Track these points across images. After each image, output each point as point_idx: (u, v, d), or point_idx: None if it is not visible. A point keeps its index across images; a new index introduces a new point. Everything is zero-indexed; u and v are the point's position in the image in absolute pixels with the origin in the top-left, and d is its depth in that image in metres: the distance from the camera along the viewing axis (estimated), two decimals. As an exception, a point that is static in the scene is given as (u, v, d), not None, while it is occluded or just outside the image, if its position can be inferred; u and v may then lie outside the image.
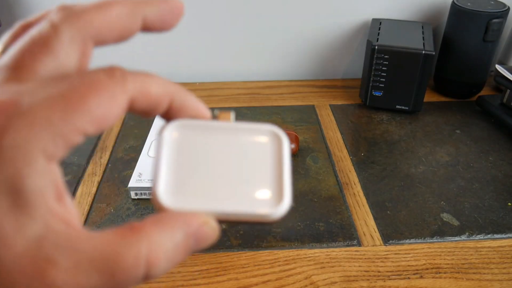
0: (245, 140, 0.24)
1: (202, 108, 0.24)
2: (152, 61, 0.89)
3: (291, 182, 0.22)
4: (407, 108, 0.77)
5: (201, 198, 0.22)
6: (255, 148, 0.23)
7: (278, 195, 0.22)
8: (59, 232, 0.17)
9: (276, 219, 0.21)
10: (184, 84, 0.87)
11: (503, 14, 0.75)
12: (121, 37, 0.22)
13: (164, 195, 0.21)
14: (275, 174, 0.23)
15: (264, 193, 0.22)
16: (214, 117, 0.25)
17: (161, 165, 0.22)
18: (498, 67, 0.76)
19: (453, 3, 0.78)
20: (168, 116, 0.23)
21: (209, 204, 0.21)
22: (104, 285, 0.17)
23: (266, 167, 0.23)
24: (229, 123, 0.24)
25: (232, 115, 0.25)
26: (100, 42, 0.21)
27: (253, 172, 0.23)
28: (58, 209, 0.18)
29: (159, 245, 0.19)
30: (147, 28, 0.23)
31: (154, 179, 0.22)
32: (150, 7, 0.22)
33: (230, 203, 0.22)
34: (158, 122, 0.71)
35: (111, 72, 0.19)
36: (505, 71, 0.74)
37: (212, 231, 0.21)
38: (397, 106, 0.78)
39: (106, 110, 0.18)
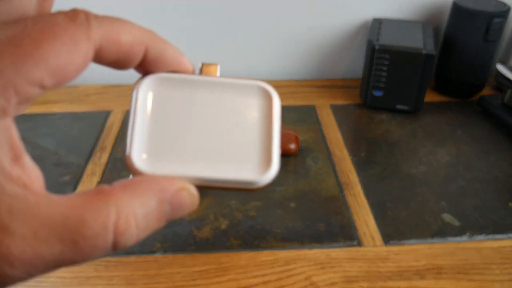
0: (231, 98, 0.21)
1: (184, 60, 0.21)
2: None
3: (279, 146, 0.21)
4: (407, 108, 0.77)
5: (180, 162, 0.20)
6: (242, 107, 0.21)
7: (265, 161, 0.20)
8: (14, 196, 0.15)
9: (262, 186, 0.20)
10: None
11: (504, 13, 0.75)
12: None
13: (139, 159, 0.19)
14: (262, 137, 0.21)
15: (250, 158, 0.20)
16: (198, 70, 0.22)
17: (135, 125, 0.20)
18: (499, 66, 0.76)
19: (454, 3, 0.78)
20: (144, 69, 0.20)
21: (189, 169, 0.19)
22: (68, 254, 0.16)
23: (253, 129, 0.21)
24: (214, 78, 0.22)
25: (217, 68, 0.22)
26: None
27: (238, 135, 0.20)
28: (14, 170, 0.16)
29: (130, 211, 0.17)
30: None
31: (129, 141, 0.20)
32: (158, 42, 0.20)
33: (212, 168, 0.20)
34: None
35: (73, 14, 0.17)
36: (506, 70, 0.74)
37: (191, 198, 0.19)
38: (398, 106, 0.78)
39: (66, 58, 0.16)
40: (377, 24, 0.81)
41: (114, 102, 0.81)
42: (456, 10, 0.77)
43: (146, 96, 0.20)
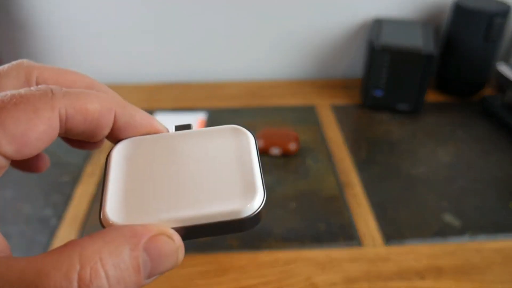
0: (205, 143, 0.21)
1: (155, 123, 0.21)
2: (151, 61, 0.88)
3: (262, 176, 0.19)
4: (408, 108, 0.77)
5: (157, 208, 0.18)
6: (217, 149, 0.20)
7: (249, 190, 0.19)
8: None
9: (250, 215, 0.18)
10: (184, 84, 0.87)
11: (505, 13, 0.75)
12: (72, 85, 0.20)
13: (112, 212, 0.18)
14: (243, 170, 0.19)
15: (233, 192, 0.19)
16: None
17: (108, 185, 0.19)
18: (499, 66, 0.76)
19: (454, 3, 0.78)
20: (116, 137, 0.20)
21: (166, 212, 0.18)
22: None
23: (231, 165, 0.20)
24: (187, 131, 0.21)
25: (191, 127, 0.22)
26: (42, 81, 0.19)
27: (217, 174, 0.19)
28: None
29: (97, 260, 0.15)
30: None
31: (102, 202, 0.19)
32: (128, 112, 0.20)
33: (192, 206, 0.18)
34: (158, 119, 0.70)
35: (39, 88, 0.17)
36: (507, 70, 0.74)
37: (171, 244, 0.17)
38: (398, 106, 0.77)
39: (26, 126, 0.16)
40: (378, 24, 0.81)
41: (113, 102, 0.81)
42: (457, 10, 0.77)
43: (119, 157, 0.20)
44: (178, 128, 0.22)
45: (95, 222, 0.57)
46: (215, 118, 0.76)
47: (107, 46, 0.86)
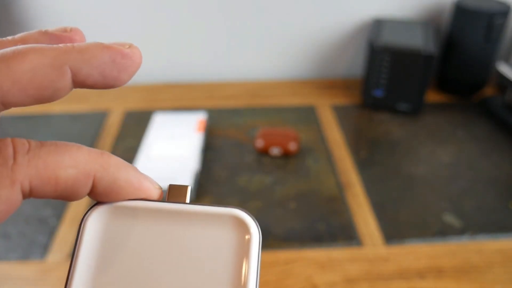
0: (198, 232, 0.17)
1: (145, 185, 0.17)
2: (151, 61, 0.88)
3: None
4: (408, 108, 0.77)
5: None
6: (212, 244, 0.17)
7: None
8: None
9: None
10: (184, 84, 0.87)
11: (505, 13, 0.75)
12: (42, 97, 0.15)
13: None
14: (234, 283, 0.16)
15: None
16: (165, 193, 0.18)
17: (76, 269, 0.16)
18: (500, 66, 0.75)
19: (455, 3, 0.78)
20: (97, 198, 0.17)
21: None
22: None
23: (223, 274, 0.16)
24: (179, 206, 0.18)
25: (188, 190, 0.18)
26: (12, 104, 0.15)
27: (203, 281, 0.16)
28: None
29: None
30: (82, 83, 0.16)
31: (67, 283, 0.16)
32: (83, 56, 0.16)
33: None
34: (158, 119, 0.70)
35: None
36: (507, 70, 0.74)
37: None
38: (398, 106, 0.77)
39: None
40: (378, 24, 0.81)
41: (113, 102, 0.81)
42: (457, 10, 0.77)
43: (94, 230, 0.17)
44: (172, 191, 0.18)
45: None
46: (215, 118, 0.76)
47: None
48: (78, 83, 0.16)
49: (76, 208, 0.58)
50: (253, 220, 0.17)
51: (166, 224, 0.17)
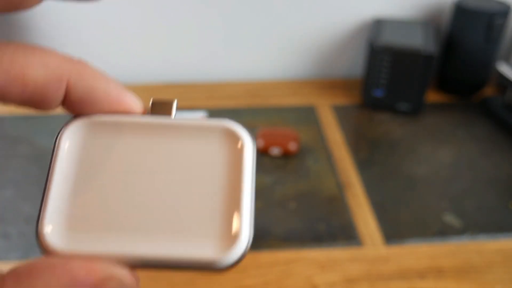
0: (187, 146, 0.15)
1: (125, 98, 0.16)
2: (151, 59, 0.88)
3: (251, 211, 0.15)
4: (408, 108, 0.77)
5: (110, 235, 0.14)
6: (201, 158, 0.15)
7: (230, 232, 0.14)
8: None
9: (226, 266, 0.14)
10: (184, 84, 0.87)
11: (506, 13, 0.75)
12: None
13: (51, 233, 0.14)
14: (228, 198, 0.15)
15: (209, 229, 0.14)
16: (148, 110, 0.16)
17: (52, 188, 0.15)
18: (500, 66, 0.76)
19: (455, 3, 0.78)
20: (72, 110, 0.15)
21: (121, 245, 0.14)
22: None
23: (215, 187, 0.15)
24: (163, 119, 0.16)
25: (174, 105, 0.16)
26: None
27: (194, 197, 0.15)
28: None
29: None
30: None
31: (40, 212, 0.15)
32: None
33: (155, 243, 0.14)
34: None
35: None
36: (507, 70, 0.74)
37: (120, 285, 0.13)
38: (398, 106, 0.77)
39: None
40: (378, 24, 0.81)
41: (113, 102, 0.81)
42: (457, 10, 0.77)
43: (70, 146, 0.15)
44: (156, 106, 0.16)
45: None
46: (215, 118, 0.76)
47: (107, 47, 0.86)
48: None
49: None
50: (245, 129, 0.16)
51: (151, 138, 0.15)
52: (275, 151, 0.66)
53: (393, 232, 0.56)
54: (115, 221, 0.14)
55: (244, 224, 0.15)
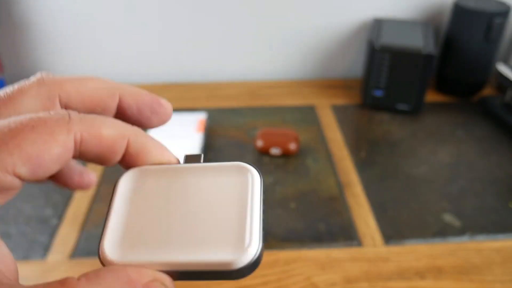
0: (211, 180, 0.21)
1: (166, 153, 0.21)
2: (151, 61, 0.88)
3: (261, 224, 0.19)
4: (408, 108, 0.77)
5: (152, 249, 0.19)
6: (221, 188, 0.20)
7: (243, 239, 0.18)
8: None
9: (241, 268, 0.18)
10: (184, 84, 0.87)
11: (505, 13, 0.75)
12: (95, 106, 0.20)
13: (110, 248, 0.18)
14: (242, 216, 0.19)
15: (227, 238, 0.19)
16: (182, 162, 0.22)
17: (110, 217, 0.19)
18: (499, 66, 0.76)
19: (454, 3, 0.78)
20: (128, 163, 0.20)
21: (160, 255, 0.18)
22: None
23: (231, 209, 0.19)
24: (194, 164, 0.21)
25: (201, 157, 0.22)
26: (69, 105, 0.20)
27: (216, 216, 0.19)
28: None
29: None
30: (124, 111, 0.21)
31: (102, 234, 0.19)
32: (131, 91, 0.21)
33: (185, 251, 0.18)
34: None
35: (58, 112, 0.18)
36: (507, 70, 0.74)
37: (162, 286, 0.18)
38: (398, 106, 0.77)
39: (42, 148, 0.16)
40: (378, 24, 0.81)
41: (114, 102, 0.81)
42: (457, 10, 0.77)
43: (126, 187, 0.20)
44: (188, 159, 0.22)
45: (95, 222, 0.57)
46: (215, 118, 0.76)
47: (108, 47, 0.86)
48: (120, 109, 0.21)
49: (76, 208, 0.59)
50: (254, 166, 0.21)
51: (186, 177, 0.21)
52: (275, 151, 0.67)
53: (393, 232, 0.56)
54: (158, 238, 0.19)
55: (254, 235, 0.18)
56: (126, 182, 0.20)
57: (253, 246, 0.18)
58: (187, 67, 0.89)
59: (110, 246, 0.18)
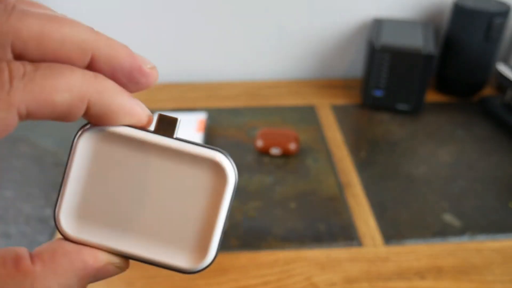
0: (181, 169, 0.19)
1: (137, 111, 0.18)
2: (152, 60, 0.88)
3: (221, 234, 0.19)
4: (408, 108, 0.77)
5: (111, 231, 0.19)
6: (191, 182, 0.19)
7: (201, 249, 0.18)
8: None
9: (194, 272, 0.19)
10: (184, 84, 0.87)
11: (505, 13, 0.75)
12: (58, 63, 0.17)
13: (67, 220, 0.18)
14: (206, 221, 0.19)
15: (186, 243, 0.19)
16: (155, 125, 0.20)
17: (68, 182, 0.19)
18: (499, 66, 0.76)
19: (454, 3, 0.78)
20: (91, 120, 0.18)
21: (119, 241, 0.18)
22: None
23: (197, 210, 0.19)
24: (166, 141, 0.19)
25: (177, 124, 0.19)
26: (24, 55, 0.16)
27: (180, 213, 0.19)
28: None
29: None
30: (94, 71, 0.17)
31: (58, 199, 0.19)
32: (106, 50, 0.18)
33: (144, 245, 0.19)
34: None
35: None
36: (507, 70, 0.74)
37: (117, 270, 0.18)
38: (398, 106, 0.77)
39: None
40: (378, 24, 0.81)
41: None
42: (457, 10, 0.77)
43: (86, 150, 0.19)
44: (161, 122, 0.19)
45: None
46: (215, 118, 0.76)
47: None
48: (90, 69, 0.17)
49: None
50: (231, 162, 0.20)
51: (153, 156, 0.19)
52: (275, 151, 0.67)
53: (393, 232, 0.56)
54: (116, 220, 0.19)
55: (212, 246, 0.19)
56: (86, 143, 0.19)
57: (210, 256, 0.19)
58: (187, 67, 0.89)
59: (66, 216, 0.18)
